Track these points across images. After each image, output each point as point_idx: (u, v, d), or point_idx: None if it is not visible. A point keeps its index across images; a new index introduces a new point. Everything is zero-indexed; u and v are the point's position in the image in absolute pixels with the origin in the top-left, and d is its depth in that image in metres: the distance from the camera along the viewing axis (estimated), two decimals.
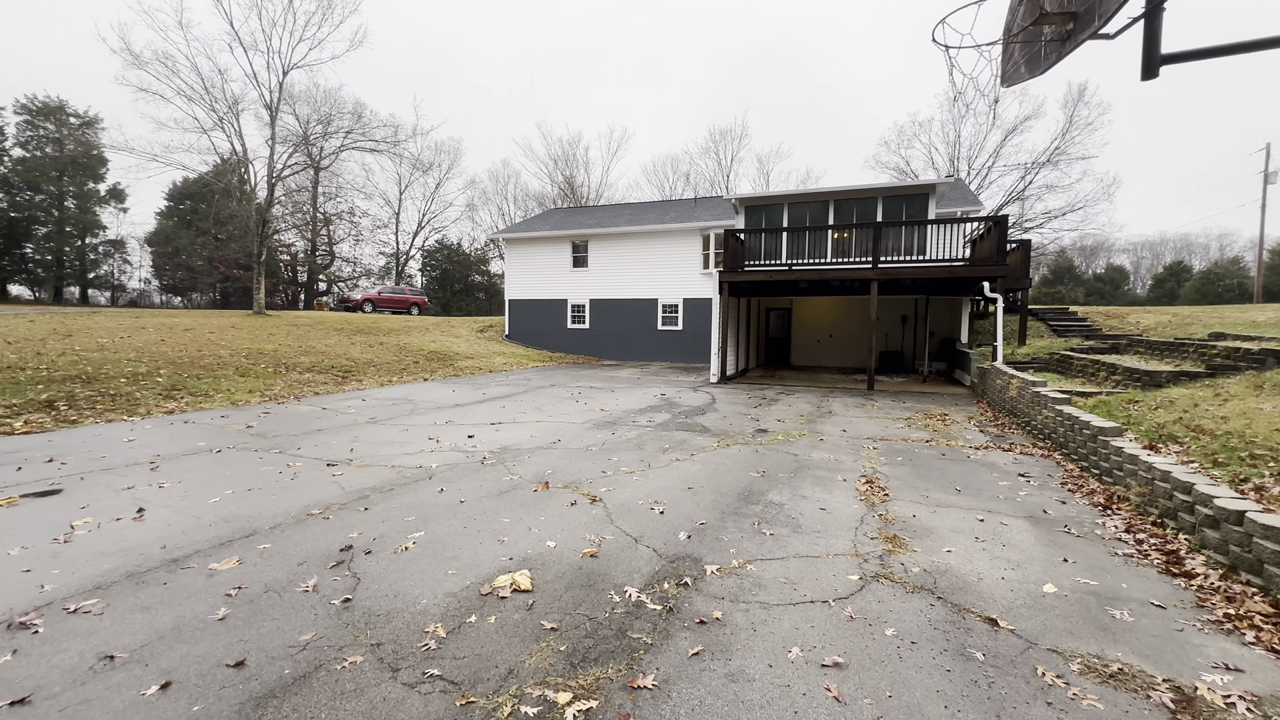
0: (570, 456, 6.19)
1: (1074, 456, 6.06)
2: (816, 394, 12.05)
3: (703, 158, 59.89)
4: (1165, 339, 10.93)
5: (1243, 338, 9.49)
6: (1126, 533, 4.09)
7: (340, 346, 16.12)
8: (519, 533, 3.94)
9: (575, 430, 7.69)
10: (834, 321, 19.46)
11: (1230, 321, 12.63)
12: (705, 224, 20.15)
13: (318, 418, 8.32)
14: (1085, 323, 16.23)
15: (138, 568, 3.33)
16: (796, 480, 5.37)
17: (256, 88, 20.97)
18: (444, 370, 15.36)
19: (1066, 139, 30.71)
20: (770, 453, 6.50)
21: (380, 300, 31.01)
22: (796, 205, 15.86)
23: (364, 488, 4.94)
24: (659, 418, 8.83)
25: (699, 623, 2.81)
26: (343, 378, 12.86)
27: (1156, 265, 60.92)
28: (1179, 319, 14.76)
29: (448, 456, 6.11)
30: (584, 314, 22.51)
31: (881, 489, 5.11)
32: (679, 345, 20.84)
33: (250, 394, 10.14)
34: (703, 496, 4.82)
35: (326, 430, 7.42)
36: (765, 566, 3.46)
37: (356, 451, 6.27)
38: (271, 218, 23.27)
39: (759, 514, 4.41)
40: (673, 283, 20.97)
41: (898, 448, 6.87)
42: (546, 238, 22.94)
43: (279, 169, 22.02)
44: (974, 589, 3.22)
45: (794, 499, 4.79)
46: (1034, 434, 7.46)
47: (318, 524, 4.06)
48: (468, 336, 22.39)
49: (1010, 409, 8.81)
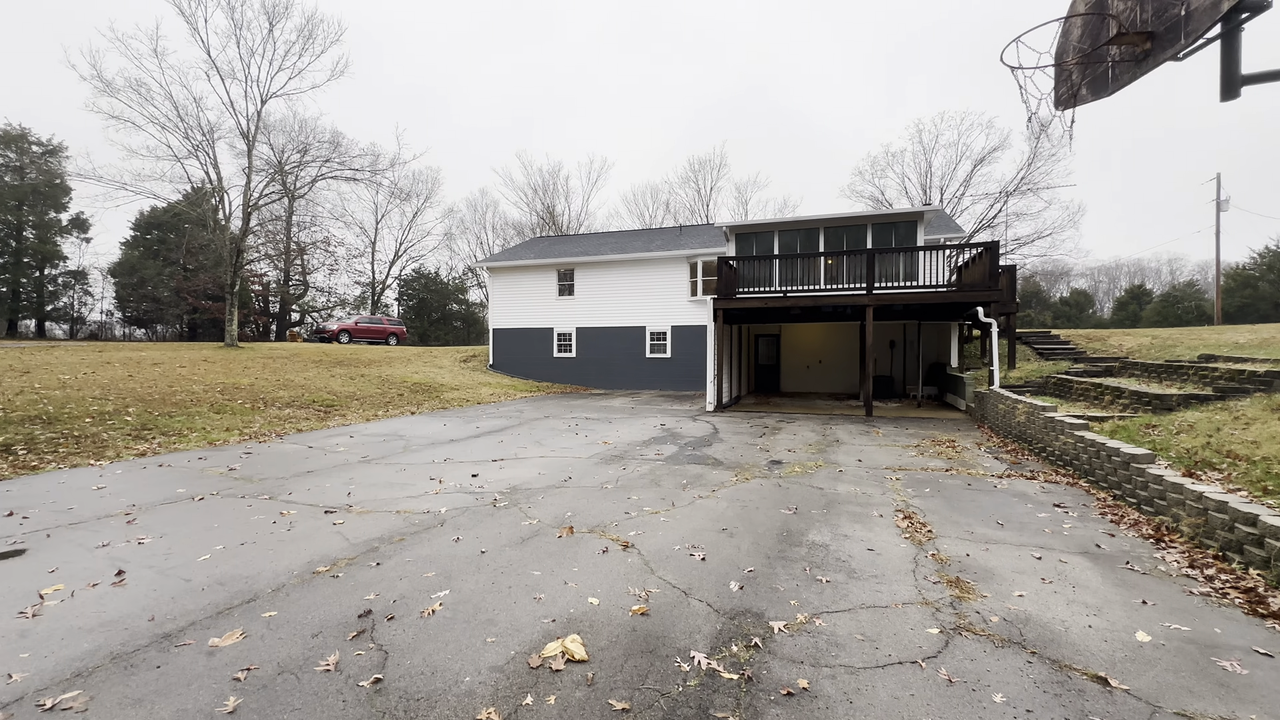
0: (586, 496, 5.83)
1: (1104, 485, 5.93)
2: (817, 421, 11.89)
3: (682, 187, 61.01)
4: (1155, 361, 11.09)
5: (1234, 359, 9.65)
6: (1191, 568, 3.90)
7: (320, 379, 15.49)
8: (555, 588, 3.57)
9: (583, 466, 7.33)
10: (823, 348, 19.50)
11: (1213, 343, 12.93)
12: (692, 251, 20.19)
13: (305, 458, 7.79)
14: (1069, 345, 16.53)
15: (124, 646, 2.88)
16: (831, 517, 5.11)
17: (233, 116, 20.58)
18: (430, 403, 14.83)
19: (1032, 169, 31.96)
20: (793, 487, 6.24)
21: (357, 330, 30.24)
22: (787, 232, 15.97)
23: (371, 538, 4.51)
24: (666, 450, 8.52)
25: (785, 694, 2.49)
26: (325, 413, 12.27)
27: (1113, 289, 63.42)
28: (1159, 341, 15.12)
29: (455, 499, 5.69)
30: (570, 343, 22.20)
31: (922, 525, 4.87)
32: (668, 373, 20.63)
33: (228, 432, 9.53)
34: (741, 539, 4.51)
35: (317, 472, 6.92)
36: (834, 621, 3.16)
37: (355, 496, 5.81)
38: (246, 247, 22.60)
39: (806, 557, 4.12)
40: (661, 310, 20.86)
41: (920, 478, 6.67)
42: (531, 266, 22.71)
43: (255, 198, 21.49)
44: (1064, 640, 2.96)
45: (836, 539, 4.52)
46: (1051, 460, 7.35)
47: (326, 584, 3.63)
48: (451, 367, 21.83)
49: (1019, 434, 8.73)
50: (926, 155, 34.57)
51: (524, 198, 50.83)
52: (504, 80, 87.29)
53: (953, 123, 39.00)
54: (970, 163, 33.46)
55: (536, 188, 48.94)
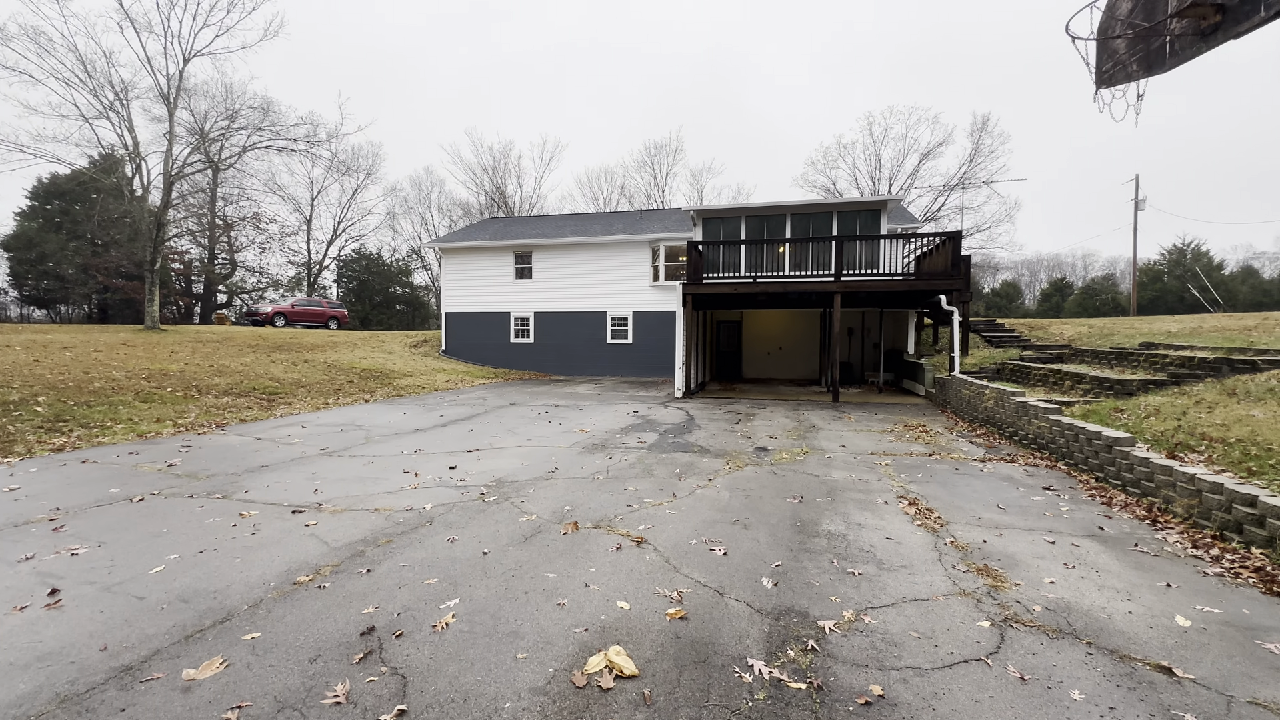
0: (580, 488, 5.51)
1: (1083, 467, 6.11)
2: (787, 407, 11.93)
3: (638, 171, 60.14)
4: (1101, 348, 11.71)
5: (1173, 346, 10.28)
6: (1195, 548, 4.00)
7: (259, 365, 14.33)
8: (576, 591, 3.26)
9: (567, 456, 6.98)
10: (783, 334, 19.72)
11: (1146, 332, 13.81)
12: (654, 236, 19.90)
13: (255, 450, 7.08)
14: (1014, 333, 17.33)
15: (73, 686, 2.37)
16: (838, 505, 5.00)
17: (151, 74, 18.61)
18: (384, 390, 13.99)
19: (974, 164, 33.36)
20: (789, 474, 6.12)
21: (294, 313, 28.39)
22: (754, 218, 15.91)
23: (353, 540, 4.04)
24: (647, 438, 8.27)
25: (863, 704, 2.30)
26: (269, 401, 11.32)
27: (1034, 281, 67.67)
28: (1096, 330, 16.07)
29: (437, 494, 5.25)
30: (529, 328, 21.54)
31: (929, 511, 4.83)
32: (630, 359, 20.36)
33: (159, 424, 8.59)
34: (756, 531, 4.32)
35: (273, 466, 6.27)
36: (883, 618, 3.01)
37: (324, 492, 5.26)
38: (167, 221, 20.62)
39: (828, 548, 3.97)
40: (622, 295, 20.51)
41: (908, 463, 6.71)
42: (487, 247, 21.83)
43: (178, 167, 19.60)
44: (1111, 628, 2.92)
45: (851, 528, 4.40)
46: (1025, 444, 7.57)
47: (313, 596, 3.18)
48: (401, 352, 20.77)
49: (987, 419, 8.98)
50: (876, 148, 35.53)
51: (473, 177, 49.02)
52: (457, 57, 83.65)
53: (901, 116, 40.26)
54: (917, 156, 34.63)
55: (487, 167, 47.33)
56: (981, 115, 33.86)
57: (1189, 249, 39.19)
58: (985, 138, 33.62)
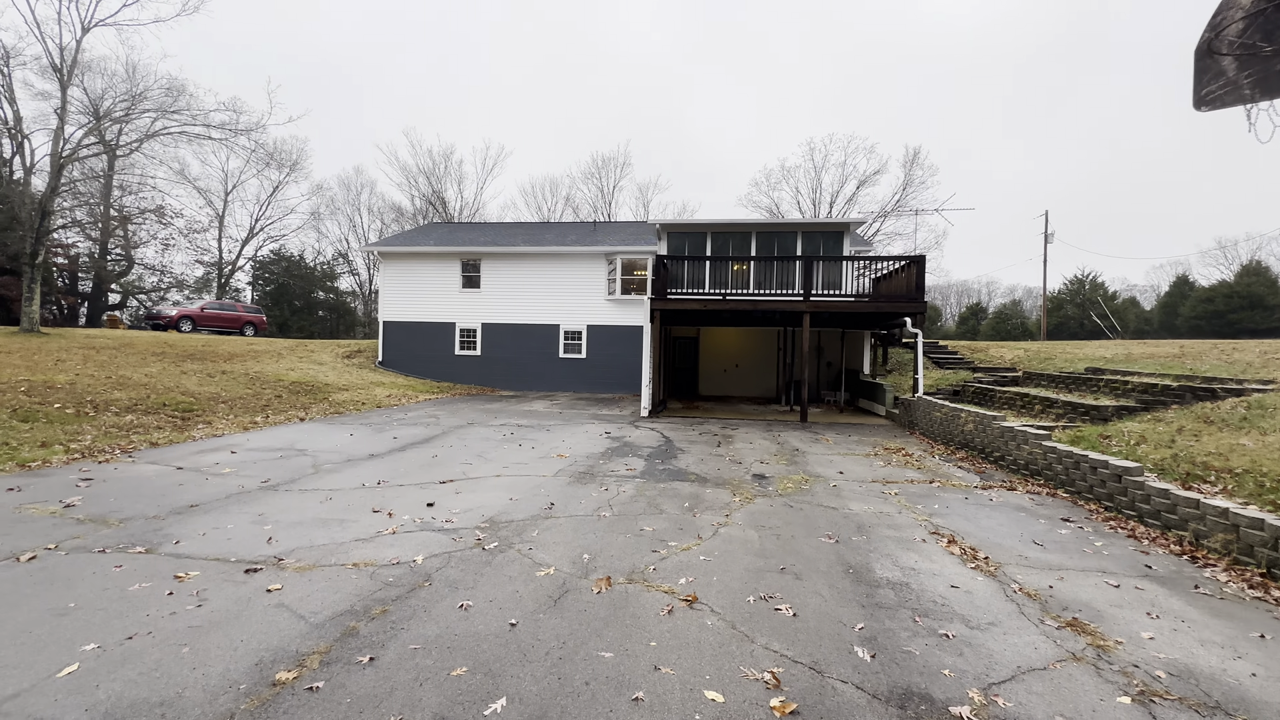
0: (589, 529, 4.85)
1: (1088, 496, 6.09)
2: (759, 428, 11.68)
3: (585, 183, 59.22)
4: (1048, 372, 12.25)
5: (1119, 372, 10.85)
6: (1251, 588, 3.88)
7: (168, 377, 12.55)
8: (647, 678, 2.65)
9: (556, 487, 6.28)
10: (740, 352, 19.67)
11: (1081, 357, 14.69)
12: (611, 248, 19.41)
13: (178, 484, 5.90)
14: (957, 355, 18.07)
15: None
16: (875, 544, 4.63)
17: (41, 41, 16.24)
18: (320, 406, 12.60)
19: (906, 193, 35.27)
20: (805, 507, 5.72)
21: (204, 317, 25.70)
22: (719, 234, 15.76)
23: (337, 611, 3.22)
24: (634, 464, 7.68)
25: None
26: (183, 419, 9.82)
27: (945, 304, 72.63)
28: (1033, 353, 17.01)
29: (424, 541, 4.44)
30: (475, 339, 20.39)
31: (971, 550, 4.54)
32: (583, 374, 19.66)
33: (47, 449, 7.12)
34: (811, 582, 3.84)
35: (205, 506, 5.19)
36: (1013, 696, 2.59)
37: (279, 541, 4.32)
38: (54, 210, 17.99)
39: (899, 602, 3.55)
40: (576, 308, 19.83)
41: (914, 491, 6.49)
42: (431, 254, 20.54)
43: (70, 148, 17.19)
44: (1251, 698, 2.64)
45: (907, 574, 4.02)
46: (1013, 469, 7.58)
47: (305, 705, 2.39)
48: (334, 363, 19.07)
49: (965, 442, 9.03)
50: (817, 172, 36.92)
51: (409, 179, 46.76)
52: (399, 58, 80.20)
53: (840, 144, 42.12)
54: (855, 182, 36.23)
55: (426, 170, 45.25)
56: (913, 148, 36.06)
57: (1087, 280, 43.16)
58: (916, 169, 35.72)
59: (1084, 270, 46.33)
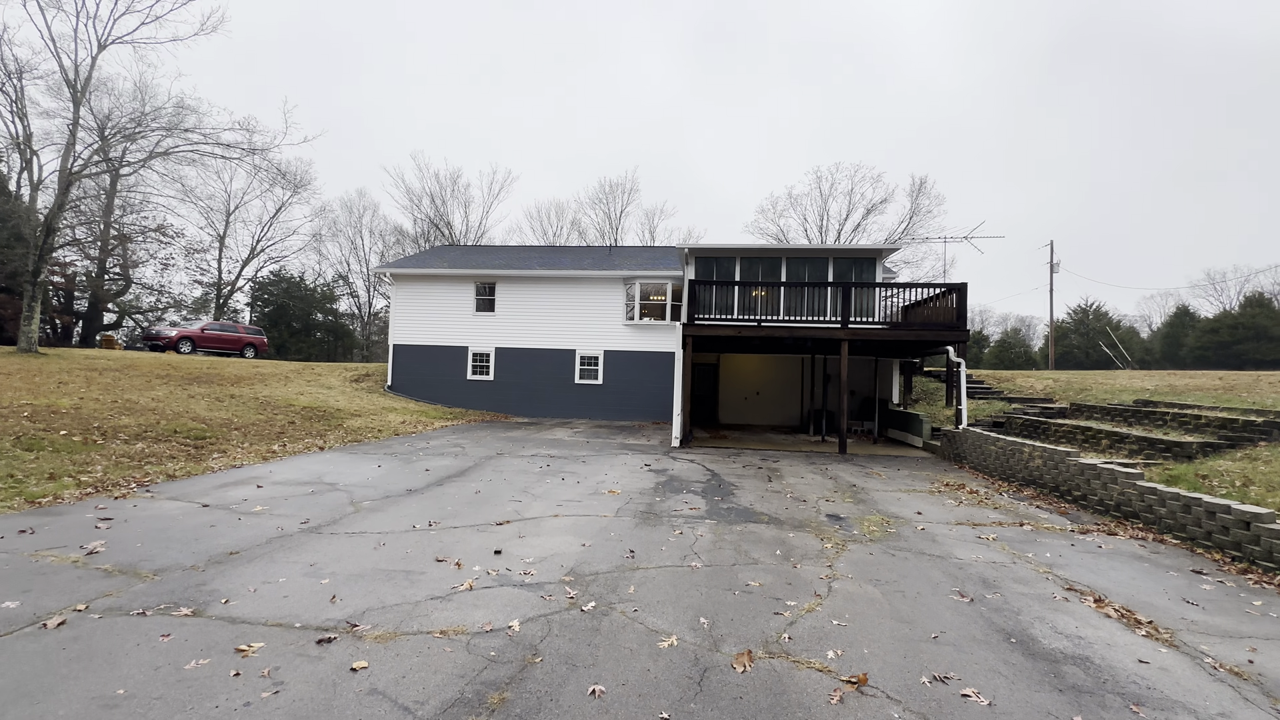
0: (686, 584, 4.29)
1: (1205, 543, 5.58)
2: (800, 460, 11.16)
3: (592, 207, 59.13)
4: (1094, 404, 11.86)
5: (1175, 405, 10.45)
6: None
7: (176, 401, 11.92)
8: None
9: (625, 530, 5.72)
10: (760, 379, 19.23)
11: (1116, 388, 14.34)
12: (629, 273, 19.06)
13: (209, 525, 5.30)
14: (983, 384, 17.70)
15: None
16: (1014, 602, 4.10)
17: (55, 56, 15.95)
18: (335, 434, 11.97)
19: (913, 222, 35.42)
20: (907, 556, 5.19)
21: (204, 338, 25.04)
22: (748, 260, 15.43)
23: (444, 701, 2.64)
24: (693, 501, 7.13)
25: None
26: (196, 448, 9.18)
27: None
28: (1062, 383, 16.66)
29: (509, 599, 3.87)
30: (488, 364, 19.85)
31: (1128, 612, 4.02)
32: (600, 401, 19.12)
33: (55, 481, 6.49)
34: (977, 654, 3.31)
35: (246, 553, 4.60)
36: None
37: (344, 600, 3.74)
38: (59, 227, 17.49)
39: (1093, 684, 3.02)
40: (592, 333, 19.39)
41: (1009, 536, 5.98)
42: (445, 276, 20.11)
43: (80, 165, 16.77)
44: None
45: (1077, 644, 3.49)
46: (1098, 510, 7.07)
47: None
48: (342, 387, 18.44)
49: (1030, 479, 8.53)
50: (824, 200, 37.06)
51: (413, 202, 46.59)
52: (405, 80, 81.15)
53: (847, 172, 42.41)
54: (863, 210, 36.39)
55: (433, 193, 45.14)
56: (919, 177, 36.31)
57: (1090, 310, 43.35)
58: (923, 198, 35.97)
59: (1087, 300, 46.61)
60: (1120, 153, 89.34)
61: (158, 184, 28.32)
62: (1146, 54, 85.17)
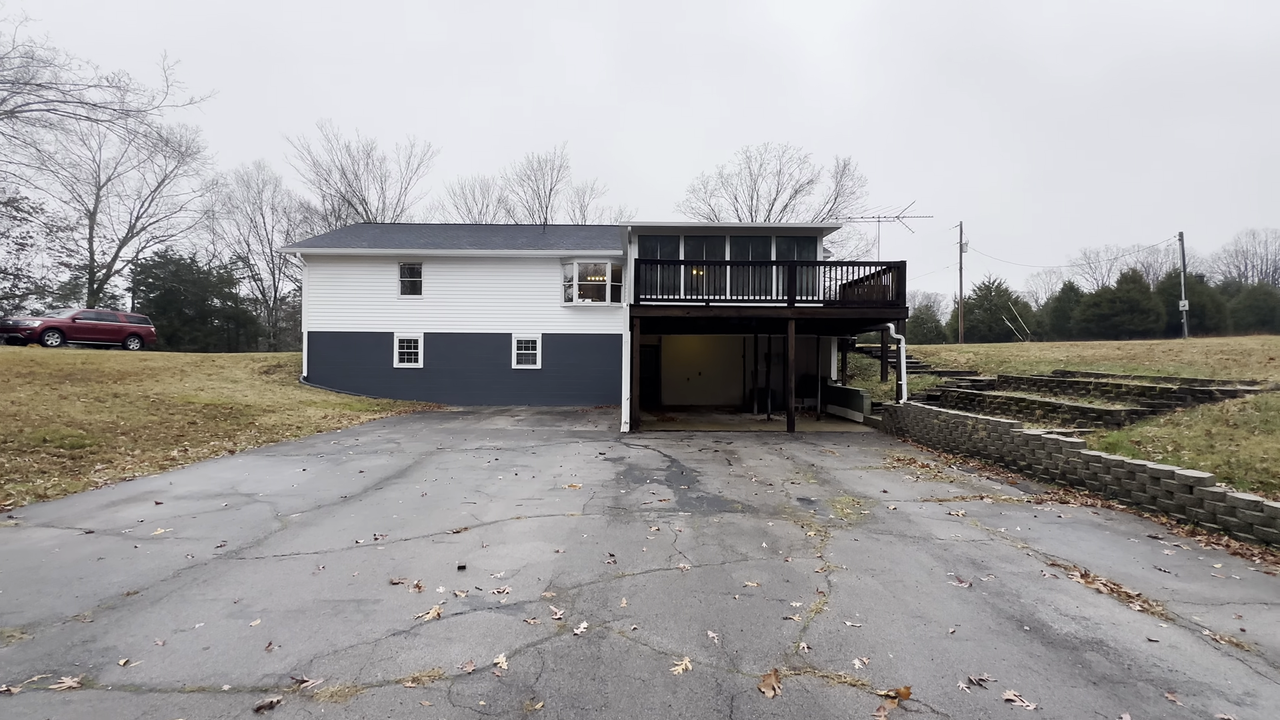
0: (680, 590, 3.93)
1: (1151, 508, 5.88)
2: (752, 441, 11.10)
3: (520, 185, 56.55)
4: (1026, 375, 12.56)
5: (1093, 375, 11.22)
6: None
7: (44, 403, 10.19)
8: None
9: (598, 531, 5.28)
10: (703, 359, 19.17)
11: (1034, 359, 15.35)
12: (566, 252, 18.33)
13: (96, 559, 4.37)
14: (912, 359, 18.50)
15: None
16: (1009, 584, 4.04)
17: None
18: (247, 434, 10.67)
19: (838, 202, 36.54)
20: (891, 540, 5.09)
21: (76, 329, 21.86)
22: (693, 238, 15.11)
23: None
24: (662, 493, 6.79)
25: None
26: (73, 459, 7.82)
27: None
28: (982, 356, 17.70)
29: (486, 626, 3.35)
30: (416, 351, 18.58)
31: (1115, 586, 4.06)
32: (539, 387, 18.40)
33: None
34: (999, 647, 3.16)
35: (148, 592, 3.78)
36: None
37: (285, 647, 3.08)
38: None
39: (1121, 673, 2.93)
40: (530, 316, 18.56)
41: (976, 510, 6.06)
42: (365, 256, 18.53)
43: None
44: None
45: (1085, 626, 3.43)
46: (1045, 479, 7.37)
47: None
48: (250, 380, 16.66)
49: (975, 450, 8.86)
50: (753, 180, 37.47)
51: (321, 176, 42.92)
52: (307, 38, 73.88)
53: (775, 154, 43.00)
54: (791, 190, 37.11)
55: (344, 167, 41.75)
56: (844, 159, 37.46)
57: (993, 286, 46.78)
58: (846, 179, 37.15)
59: (990, 277, 50.26)
60: (1001, 150, 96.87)
61: (5, 148, 24.24)
62: (1016, 73, 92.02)
